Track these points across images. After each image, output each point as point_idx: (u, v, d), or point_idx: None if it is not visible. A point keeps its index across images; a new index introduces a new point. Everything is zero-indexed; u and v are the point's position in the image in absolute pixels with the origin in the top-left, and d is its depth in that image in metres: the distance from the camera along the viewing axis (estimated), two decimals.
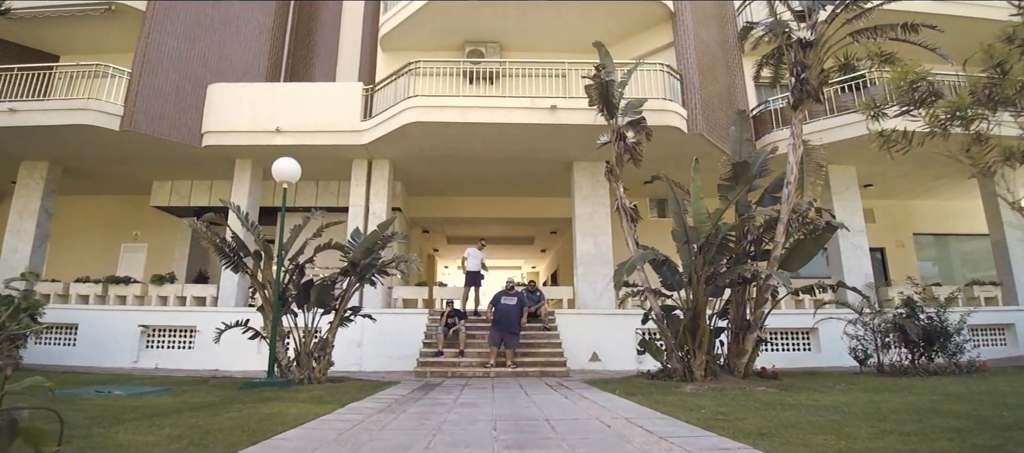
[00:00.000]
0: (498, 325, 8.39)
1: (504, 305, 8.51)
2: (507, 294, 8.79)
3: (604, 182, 10.91)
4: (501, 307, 8.52)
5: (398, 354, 9.61)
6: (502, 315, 8.41)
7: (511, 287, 8.99)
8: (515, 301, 8.59)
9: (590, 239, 10.64)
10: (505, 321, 8.34)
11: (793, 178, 6.81)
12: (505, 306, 8.49)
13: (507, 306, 8.48)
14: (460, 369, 8.26)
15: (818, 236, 6.82)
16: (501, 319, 8.39)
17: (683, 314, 6.80)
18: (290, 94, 10.52)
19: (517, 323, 8.48)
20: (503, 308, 8.48)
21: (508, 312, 8.40)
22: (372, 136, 9.88)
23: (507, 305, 8.50)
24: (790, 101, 7.06)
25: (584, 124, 9.09)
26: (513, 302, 8.56)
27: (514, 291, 8.88)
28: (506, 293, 8.81)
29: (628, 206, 7.38)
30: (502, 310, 8.46)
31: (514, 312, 8.47)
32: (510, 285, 9.06)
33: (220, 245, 6.50)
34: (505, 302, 8.57)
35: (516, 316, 8.48)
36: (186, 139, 10.32)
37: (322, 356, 6.82)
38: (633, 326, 9.95)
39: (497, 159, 10.90)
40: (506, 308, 8.46)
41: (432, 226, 15.56)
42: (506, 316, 8.36)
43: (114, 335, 10.13)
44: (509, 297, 8.66)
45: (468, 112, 9.11)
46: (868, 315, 8.71)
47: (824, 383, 6.70)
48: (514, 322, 8.41)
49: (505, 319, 8.35)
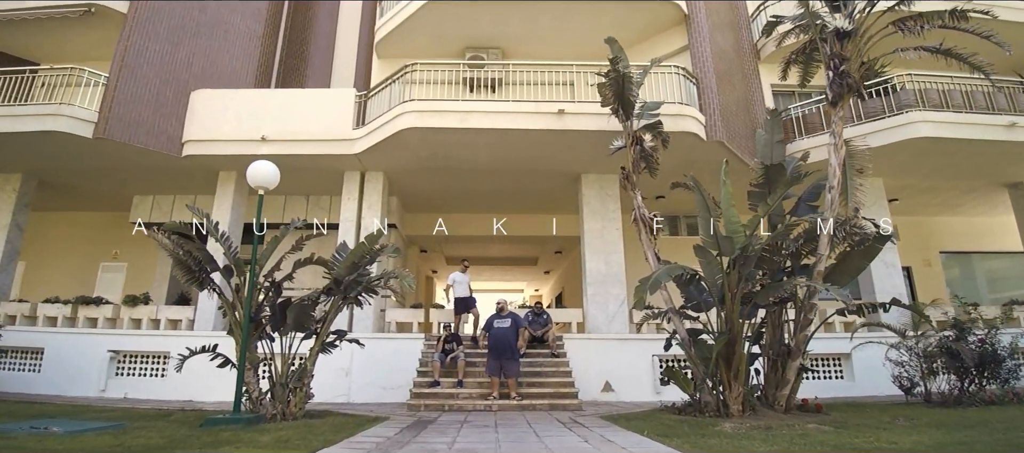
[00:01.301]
0: (495, 352, 7.55)
1: (499, 329, 7.67)
2: (500, 317, 7.95)
3: (615, 195, 10.16)
4: (495, 332, 7.68)
5: (391, 384, 8.70)
6: (497, 341, 7.56)
7: (502, 308, 8.14)
8: (509, 323, 7.75)
9: (600, 257, 9.81)
10: (502, 347, 7.48)
11: (836, 182, 6.02)
12: (500, 330, 7.64)
13: (502, 330, 7.63)
14: (458, 401, 7.33)
15: (867, 249, 5.99)
16: (497, 345, 7.54)
17: (713, 339, 5.92)
18: (278, 101, 9.84)
19: (515, 347, 7.62)
20: (498, 333, 7.63)
21: (504, 336, 7.56)
22: (365, 145, 9.15)
23: (502, 329, 7.66)
24: (828, 97, 6.33)
25: (594, 130, 8.37)
26: (507, 324, 7.71)
27: (507, 313, 8.03)
28: (498, 316, 7.97)
29: (647, 216, 6.58)
30: (497, 335, 7.62)
31: (510, 335, 7.63)
32: (501, 306, 8.20)
33: (183, 258, 5.67)
34: (499, 326, 7.72)
35: (513, 339, 7.63)
36: (165, 148, 9.60)
37: (299, 387, 5.92)
38: (650, 352, 9.06)
39: (499, 171, 10.16)
40: (501, 332, 7.61)
41: (430, 245, 14.71)
42: (502, 341, 7.51)
43: (82, 361, 9.24)
44: (502, 320, 7.82)
45: (468, 117, 8.39)
46: (912, 338, 7.86)
47: (878, 417, 5.80)
48: (512, 346, 7.55)
49: (501, 345, 7.49)
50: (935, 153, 9.80)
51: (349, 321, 9.40)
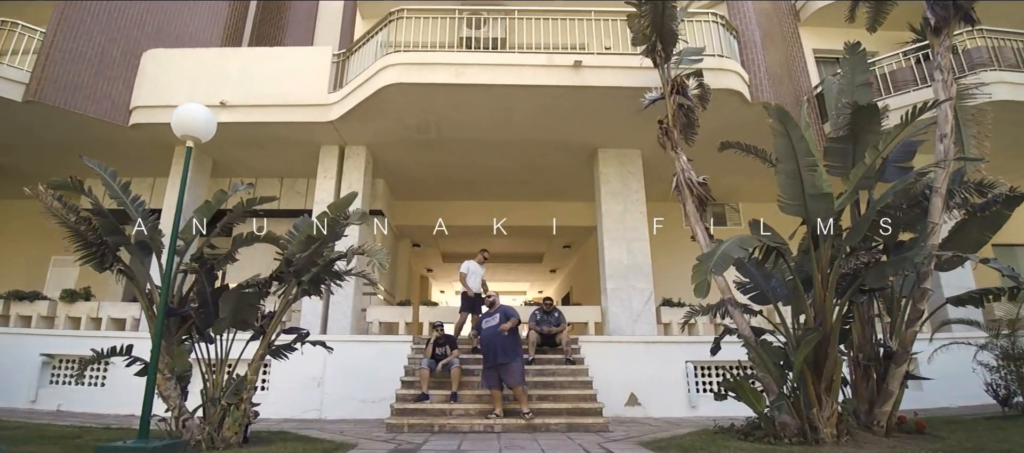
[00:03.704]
0: (486, 357, 5.92)
1: (487, 329, 6.07)
2: (487, 314, 6.35)
3: (638, 173, 8.68)
4: (484, 332, 6.09)
5: (372, 396, 7.20)
6: (486, 341, 5.96)
7: (492, 303, 6.46)
8: (498, 318, 6.10)
9: (622, 245, 8.30)
10: (492, 348, 5.87)
11: (949, 129, 4.53)
12: (488, 329, 6.04)
13: (491, 329, 6.02)
14: (452, 421, 5.79)
15: (992, 216, 4.48)
16: (486, 347, 5.94)
17: (790, 339, 4.41)
18: (241, 61, 8.38)
19: (512, 345, 5.94)
20: (486, 332, 6.04)
21: (493, 335, 5.94)
22: (342, 109, 7.68)
23: (490, 327, 6.05)
24: (929, 23, 4.85)
25: (618, 86, 6.90)
26: (495, 321, 6.08)
27: (496, 306, 6.36)
28: (489, 314, 6.31)
29: (696, 180, 5.08)
30: (485, 335, 6.02)
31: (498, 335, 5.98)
32: (491, 300, 6.54)
33: (75, 225, 4.20)
34: (487, 324, 6.13)
35: (508, 338, 5.98)
36: (109, 115, 8.15)
37: (237, 404, 4.41)
38: (682, 357, 7.57)
39: (501, 146, 8.69)
40: (489, 331, 6.00)
41: (424, 239, 13.18)
42: (491, 341, 5.89)
43: (11, 366, 7.77)
44: (490, 317, 6.19)
45: (464, 71, 6.92)
46: (1005, 337, 6.43)
47: (996, 434, 4.34)
48: (505, 346, 5.89)
49: (491, 346, 5.87)
50: (1006, 122, 8.32)
51: (322, 321, 7.90)
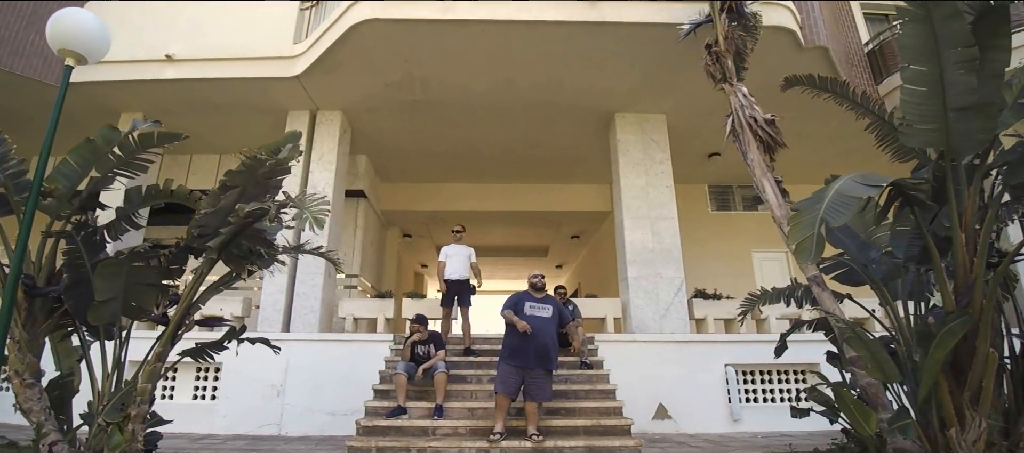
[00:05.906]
0: (521, 356, 4.37)
1: (537, 319, 4.48)
2: (535, 299, 4.67)
3: (662, 141, 7.35)
4: (534, 323, 4.44)
5: (343, 408, 5.91)
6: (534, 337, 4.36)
7: (538, 286, 4.76)
8: (551, 311, 4.61)
9: (645, 225, 6.96)
10: (545, 348, 4.38)
11: None
12: (540, 320, 4.48)
13: (542, 320, 4.49)
14: (436, 442, 4.43)
15: None
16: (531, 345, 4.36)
17: (902, 331, 3.06)
18: (194, 12, 7.09)
19: (555, 351, 4.53)
20: (537, 323, 4.44)
21: (545, 331, 4.43)
22: (308, 61, 6.37)
23: (541, 318, 4.50)
24: None
25: (642, 21, 5.57)
26: (549, 313, 4.58)
27: (547, 296, 4.79)
28: (533, 298, 4.68)
29: (761, 118, 3.74)
30: (536, 327, 4.41)
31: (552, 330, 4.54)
32: (537, 284, 4.77)
33: None
34: (537, 314, 4.52)
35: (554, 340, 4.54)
36: (37, 74, 6.90)
37: (124, 422, 3.09)
38: (721, 359, 6.24)
39: (501, 110, 7.37)
40: (541, 323, 4.46)
41: (415, 227, 11.85)
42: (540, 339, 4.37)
43: None
44: (541, 305, 4.61)
45: (454, 6, 5.60)
46: None
47: None
48: (552, 352, 4.46)
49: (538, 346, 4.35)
50: None
51: (285, 317, 6.57)
